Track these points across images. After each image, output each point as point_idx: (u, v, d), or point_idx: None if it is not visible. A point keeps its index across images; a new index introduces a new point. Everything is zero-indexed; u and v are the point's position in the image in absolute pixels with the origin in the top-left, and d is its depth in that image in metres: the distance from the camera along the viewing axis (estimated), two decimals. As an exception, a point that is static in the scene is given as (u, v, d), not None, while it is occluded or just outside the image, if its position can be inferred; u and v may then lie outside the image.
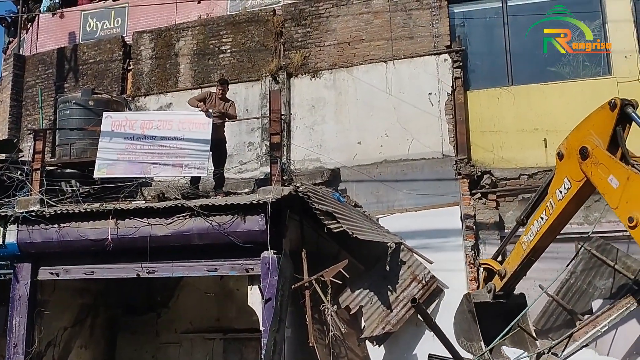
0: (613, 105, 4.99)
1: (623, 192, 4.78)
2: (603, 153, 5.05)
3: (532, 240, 6.12)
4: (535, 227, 6.08)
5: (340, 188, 10.00)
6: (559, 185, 5.69)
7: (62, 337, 9.19)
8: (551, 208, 5.82)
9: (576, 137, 5.47)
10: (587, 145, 5.20)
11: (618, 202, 4.85)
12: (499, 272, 6.63)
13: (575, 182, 5.45)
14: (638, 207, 4.63)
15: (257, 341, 8.82)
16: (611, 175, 4.92)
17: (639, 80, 9.26)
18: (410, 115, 10.03)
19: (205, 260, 7.88)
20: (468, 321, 6.55)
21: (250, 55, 11.36)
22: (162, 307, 10.62)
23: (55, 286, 8.86)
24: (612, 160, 4.96)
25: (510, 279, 6.57)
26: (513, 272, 6.47)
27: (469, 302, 6.67)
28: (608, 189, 4.98)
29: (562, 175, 5.65)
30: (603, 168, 5.01)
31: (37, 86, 12.78)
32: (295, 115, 10.75)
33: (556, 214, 5.77)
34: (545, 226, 5.93)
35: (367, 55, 10.58)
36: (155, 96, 11.88)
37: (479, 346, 6.26)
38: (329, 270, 7.50)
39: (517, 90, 9.85)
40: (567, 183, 5.57)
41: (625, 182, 4.77)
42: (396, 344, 8.29)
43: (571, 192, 5.54)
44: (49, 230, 8.14)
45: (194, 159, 8.53)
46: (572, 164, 5.46)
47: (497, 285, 6.70)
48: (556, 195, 5.72)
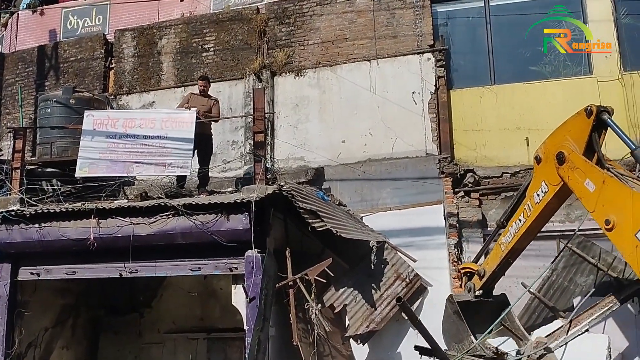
0: (589, 112, 5.08)
1: (599, 195, 4.87)
2: (579, 158, 5.14)
3: (510, 241, 6.22)
4: (513, 229, 6.18)
5: (324, 187, 10.00)
6: (536, 189, 5.79)
7: (43, 338, 9.09)
8: (529, 211, 5.92)
9: (553, 142, 5.56)
10: (563, 151, 5.29)
11: (595, 206, 4.93)
12: (478, 271, 6.74)
13: (552, 186, 5.55)
14: (614, 209, 4.72)
15: (241, 340, 8.80)
16: (587, 180, 5.01)
17: (619, 80, 9.36)
18: (394, 114, 10.05)
19: (188, 260, 7.84)
20: (455, 323, 6.61)
21: (234, 54, 11.31)
22: (145, 307, 10.56)
23: (36, 286, 8.76)
24: (588, 165, 5.04)
25: (489, 279, 6.67)
26: (492, 272, 6.56)
27: (452, 303, 6.72)
28: (585, 193, 5.07)
29: (540, 179, 5.74)
30: (579, 172, 5.10)
31: (17, 84, 12.58)
32: (279, 114, 10.72)
33: (533, 216, 5.87)
34: (522, 228, 6.03)
35: (351, 54, 10.58)
36: (138, 94, 11.78)
37: (469, 341, 6.30)
38: (313, 269, 7.51)
39: (499, 89, 9.92)
40: (544, 187, 5.68)
41: (601, 185, 4.86)
42: (380, 342, 8.32)
43: (548, 195, 5.64)
44: (29, 230, 8.04)
45: (177, 157, 8.47)
46: (549, 168, 5.55)
47: (477, 284, 6.80)
48: (534, 199, 5.82)
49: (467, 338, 6.31)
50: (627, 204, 4.61)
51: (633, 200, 4.57)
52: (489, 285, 6.78)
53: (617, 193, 4.75)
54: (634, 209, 4.54)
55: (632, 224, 4.52)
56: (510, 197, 9.14)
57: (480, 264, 6.98)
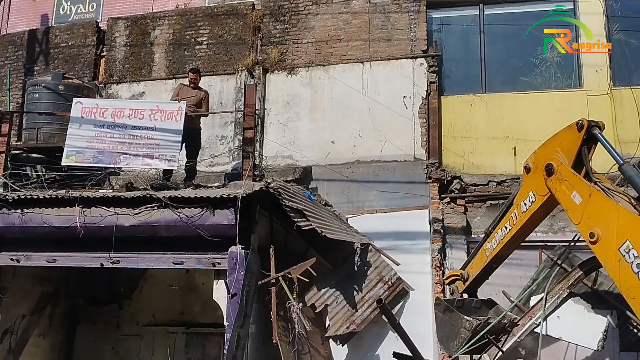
0: (580, 126, 5.15)
1: (585, 208, 4.93)
2: (567, 170, 5.19)
3: (495, 248, 6.27)
4: (499, 236, 6.23)
5: (311, 186, 9.99)
6: (524, 198, 5.84)
7: (20, 325, 8.99)
8: (515, 219, 5.98)
9: (543, 154, 5.62)
10: (552, 162, 5.34)
11: (580, 218, 4.98)
12: (462, 275, 6.77)
13: (540, 196, 5.61)
14: (598, 222, 4.77)
15: (220, 336, 8.76)
16: (574, 192, 5.06)
17: (608, 94, 9.46)
18: (385, 117, 10.08)
19: (171, 253, 7.78)
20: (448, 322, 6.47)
21: (227, 48, 11.27)
22: (124, 298, 10.47)
23: (15, 273, 8.67)
24: (575, 178, 5.10)
25: (472, 283, 6.72)
26: (475, 276, 6.62)
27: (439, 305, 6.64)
28: (571, 205, 5.12)
29: (528, 188, 5.79)
30: (567, 185, 5.16)
31: (5, 67, 12.45)
32: (269, 111, 10.70)
33: (519, 225, 5.93)
34: (508, 235, 6.09)
35: (344, 55, 10.59)
36: (128, 84, 11.70)
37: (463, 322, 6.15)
38: (297, 268, 7.49)
39: (490, 98, 9.99)
40: (531, 196, 5.73)
41: (588, 198, 4.91)
42: (359, 344, 8.33)
43: (535, 205, 5.70)
44: (11, 215, 7.94)
45: (165, 150, 8.43)
46: (538, 179, 5.61)
47: (460, 287, 6.83)
48: (521, 207, 5.87)
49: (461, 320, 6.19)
50: (611, 218, 4.66)
51: (618, 214, 4.62)
52: (472, 289, 6.83)
53: (602, 207, 4.80)
54: (619, 223, 4.59)
55: (616, 238, 4.57)
56: (496, 205, 9.23)
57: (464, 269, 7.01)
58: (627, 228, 4.53)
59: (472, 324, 6.02)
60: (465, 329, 6.12)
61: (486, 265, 6.46)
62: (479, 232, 9.33)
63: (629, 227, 4.52)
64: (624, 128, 9.17)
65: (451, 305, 6.38)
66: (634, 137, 9.03)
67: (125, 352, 10.28)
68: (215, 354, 9.78)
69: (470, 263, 6.76)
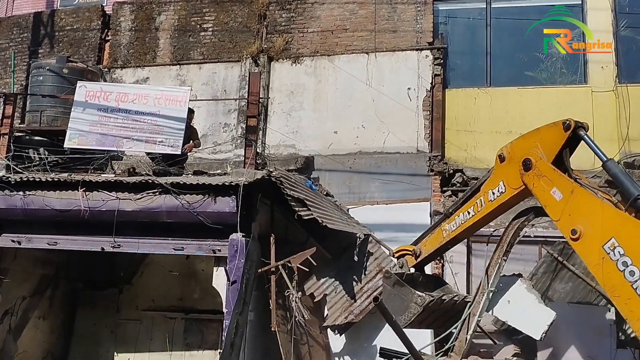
0: (567, 126, 5.09)
1: (566, 204, 4.87)
2: (547, 166, 5.13)
3: (454, 230, 6.17)
4: (459, 219, 6.10)
5: (313, 176, 9.99)
6: (492, 187, 5.73)
7: (20, 307, 9.05)
8: (480, 206, 5.86)
9: (521, 146, 5.52)
10: (531, 158, 5.25)
11: (560, 215, 4.92)
12: (414, 251, 6.59)
13: (511, 188, 5.52)
14: (581, 219, 4.72)
15: (218, 323, 8.82)
16: (554, 188, 5.00)
17: (614, 91, 9.43)
18: (388, 108, 10.06)
19: (172, 239, 7.81)
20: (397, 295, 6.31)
21: (232, 36, 11.23)
22: (124, 283, 10.51)
23: (17, 254, 8.71)
24: (556, 174, 5.03)
25: (424, 260, 6.61)
26: (428, 254, 6.50)
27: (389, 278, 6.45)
28: (550, 202, 5.05)
29: (499, 178, 5.68)
30: (546, 180, 5.08)
31: (10, 49, 12.43)
32: (273, 99, 10.69)
33: (483, 213, 5.84)
34: (469, 221, 5.99)
35: (350, 45, 10.56)
36: (132, 69, 11.68)
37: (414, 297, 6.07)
38: (297, 257, 7.52)
39: (494, 92, 9.96)
40: (501, 187, 5.64)
41: (570, 195, 4.85)
42: (357, 334, 8.35)
43: (504, 196, 5.61)
44: (13, 197, 7.96)
45: (169, 136, 8.41)
46: (512, 171, 5.51)
47: (409, 262, 6.66)
48: (488, 195, 5.76)
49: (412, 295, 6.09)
50: (596, 215, 4.63)
51: (602, 211, 4.59)
52: (423, 265, 6.74)
53: (585, 203, 4.76)
54: (603, 220, 4.56)
55: (600, 236, 4.53)
56: (497, 199, 9.21)
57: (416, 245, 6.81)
58: (612, 225, 4.49)
59: (424, 299, 5.96)
60: (417, 304, 6.03)
61: (441, 246, 6.36)
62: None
63: (614, 224, 4.48)
64: (629, 125, 9.15)
65: (401, 279, 6.25)
66: (638, 135, 9.03)
67: (124, 336, 10.34)
68: (213, 340, 9.83)
69: (424, 240, 6.60)
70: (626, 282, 4.31)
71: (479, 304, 6.62)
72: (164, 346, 10.05)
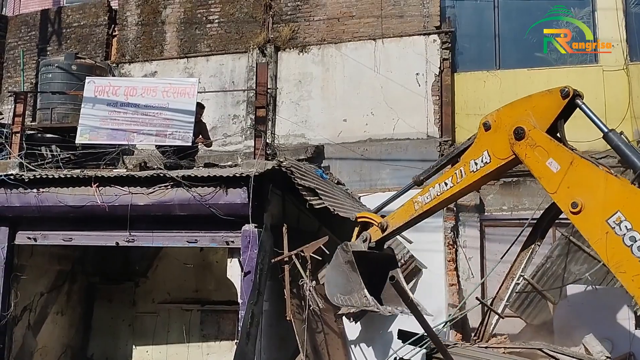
0: (565, 93, 4.80)
1: (564, 176, 4.62)
2: (542, 135, 4.84)
3: (428, 203, 5.79)
4: (435, 191, 5.73)
5: (323, 165, 9.99)
6: (475, 157, 5.39)
7: (38, 303, 9.16)
8: (460, 177, 5.50)
9: (510, 114, 5.20)
10: (523, 126, 4.94)
11: (557, 187, 4.67)
12: (381, 224, 6.24)
13: (497, 159, 5.22)
14: (582, 192, 4.48)
15: (234, 313, 8.88)
16: (550, 159, 4.73)
17: (624, 70, 9.31)
18: (397, 94, 10.01)
19: (185, 231, 7.87)
20: (345, 273, 6.11)
21: (239, 27, 11.21)
22: (140, 276, 10.61)
23: (33, 251, 8.81)
24: (553, 144, 4.76)
25: (391, 234, 6.30)
26: (396, 227, 6.18)
27: (346, 252, 6.19)
28: (546, 173, 4.78)
29: (483, 147, 5.35)
30: (541, 151, 4.80)
31: (19, 48, 12.50)
32: (281, 89, 10.67)
33: (463, 184, 5.50)
34: (447, 193, 5.63)
35: (356, 32, 10.50)
36: (140, 64, 11.70)
37: (360, 295, 5.91)
38: (309, 246, 7.53)
39: (503, 75, 9.87)
40: (486, 157, 5.31)
41: (568, 166, 4.60)
42: (372, 321, 8.37)
43: (488, 167, 5.29)
44: (27, 194, 8.05)
45: (178, 128, 8.42)
46: (499, 140, 5.20)
47: (374, 236, 6.34)
48: (469, 166, 5.43)
49: (359, 291, 5.92)
50: (599, 188, 4.40)
51: (606, 183, 4.37)
52: (388, 239, 6.49)
53: (587, 175, 4.51)
54: (607, 193, 4.35)
55: (603, 209, 4.33)
56: (509, 182, 9.20)
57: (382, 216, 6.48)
58: (617, 198, 4.28)
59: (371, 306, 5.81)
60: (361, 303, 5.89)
61: (412, 219, 6.00)
62: (492, 210, 9.34)
63: (620, 198, 4.28)
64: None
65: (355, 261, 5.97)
66: (650, 113, 8.92)
67: (141, 329, 10.45)
68: (230, 330, 9.91)
69: (391, 214, 6.25)
70: (634, 258, 4.17)
71: (507, 289, 6.55)
72: (181, 338, 10.15)
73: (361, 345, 8.43)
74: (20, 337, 8.70)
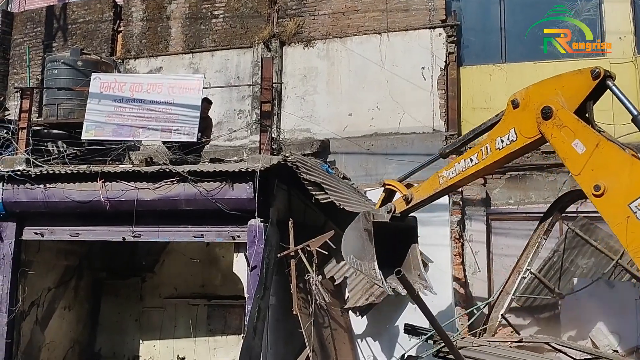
0: (596, 74, 4.70)
1: (589, 158, 4.53)
2: (570, 116, 4.75)
3: (453, 178, 5.77)
4: (460, 166, 5.68)
5: (329, 159, 9.98)
6: (502, 134, 5.33)
7: (45, 298, 9.21)
8: (485, 153, 5.45)
9: (540, 93, 5.11)
10: (551, 106, 4.85)
11: (581, 169, 4.58)
12: (406, 196, 6.23)
13: (524, 137, 5.14)
14: (606, 175, 4.41)
15: (241, 308, 8.90)
16: (576, 140, 4.64)
17: (633, 62, 9.25)
18: (403, 88, 9.98)
19: (191, 226, 7.88)
20: (362, 239, 6.12)
21: (243, 22, 11.19)
22: (147, 271, 10.65)
23: (40, 247, 8.85)
24: (580, 125, 4.66)
25: (415, 206, 6.25)
26: (421, 200, 6.15)
27: (367, 220, 6.18)
28: (571, 154, 4.70)
29: (510, 125, 5.28)
30: (567, 132, 4.72)
31: (25, 44, 12.52)
32: (286, 84, 10.66)
33: (488, 161, 5.44)
34: (472, 169, 5.58)
35: (362, 27, 10.47)
36: (146, 59, 11.71)
37: (370, 266, 5.92)
38: (315, 241, 7.53)
39: (510, 68, 9.82)
40: (512, 135, 5.23)
41: (594, 148, 4.52)
42: (379, 315, 8.38)
43: (514, 145, 5.22)
44: (34, 190, 8.08)
45: (184, 124, 8.43)
46: (526, 119, 5.12)
47: (399, 207, 6.34)
48: (495, 143, 5.36)
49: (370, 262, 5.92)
50: (623, 171, 4.34)
51: (632, 168, 4.31)
52: (412, 211, 6.41)
53: (612, 158, 4.45)
54: (632, 177, 4.28)
55: (627, 193, 4.26)
56: (516, 176, 9.18)
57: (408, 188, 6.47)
58: None
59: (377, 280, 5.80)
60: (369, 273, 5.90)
61: (436, 193, 5.99)
62: (499, 204, 9.31)
63: None
64: (648, 96, 8.97)
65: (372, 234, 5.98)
66: (658, 106, 8.84)
67: (148, 323, 10.49)
68: (236, 325, 9.93)
69: (416, 186, 6.26)
70: None
71: (513, 283, 6.52)
72: (188, 332, 10.19)
73: (367, 340, 8.44)
74: (28, 332, 8.75)
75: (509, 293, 6.79)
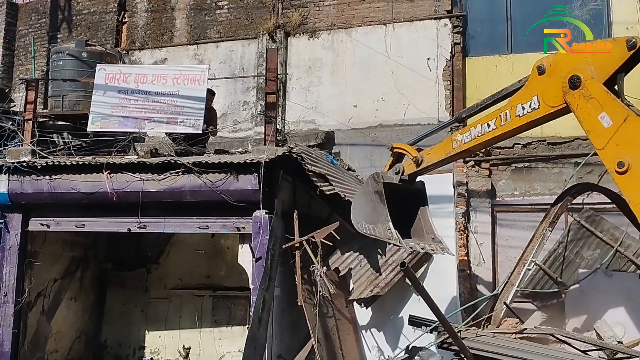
0: (632, 44, 4.47)
1: (615, 133, 4.37)
2: (599, 87, 4.55)
3: (467, 142, 5.60)
4: (476, 131, 5.52)
5: (334, 151, 9.97)
6: (523, 101, 5.15)
7: (51, 288, 9.26)
8: (504, 119, 5.26)
9: (568, 60, 4.95)
10: (580, 75, 4.67)
11: (605, 144, 4.43)
12: (416, 158, 6.10)
13: (547, 106, 4.97)
14: (631, 151, 4.26)
15: (246, 299, 8.93)
16: (603, 113, 4.46)
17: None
18: (408, 79, 9.94)
19: (196, 218, 7.91)
20: (373, 202, 6.04)
21: (248, 13, 11.16)
22: (152, 262, 10.69)
23: (46, 238, 8.90)
24: (609, 97, 4.47)
25: (425, 169, 6.15)
26: (432, 163, 6.02)
27: (376, 182, 6.10)
28: (596, 127, 4.52)
29: (533, 92, 5.10)
30: (594, 103, 4.53)
31: (29, 35, 12.53)
32: (291, 75, 10.63)
33: (507, 128, 5.27)
34: (489, 135, 5.42)
35: (367, 17, 10.42)
36: (150, 50, 11.70)
37: (385, 227, 5.86)
38: (320, 232, 7.55)
39: (516, 59, 9.75)
40: (535, 102, 5.06)
41: (622, 123, 4.35)
42: (383, 307, 8.40)
43: (536, 113, 5.05)
44: (40, 181, 8.12)
45: (189, 115, 8.43)
46: (551, 86, 4.94)
47: (408, 169, 6.23)
48: (516, 109, 5.18)
49: (384, 223, 5.86)
50: None
51: None
52: (421, 174, 6.33)
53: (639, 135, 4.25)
54: None
55: None
56: (521, 168, 9.15)
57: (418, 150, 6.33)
58: None
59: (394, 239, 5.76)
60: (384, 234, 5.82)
61: (449, 157, 5.83)
62: (504, 195, 9.29)
63: None
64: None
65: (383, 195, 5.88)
66: (664, 97, 8.77)
67: (154, 314, 10.54)
68: (241, 316, 9.97)
69: (428, 149, 6.09)
70: None
71: (518, 274, 6.50)
72: (193, 323, 10.24)
73: (372, 331, 8.46)
74: (34, 323, 8.82)
75: (513, 284, 6.78)
